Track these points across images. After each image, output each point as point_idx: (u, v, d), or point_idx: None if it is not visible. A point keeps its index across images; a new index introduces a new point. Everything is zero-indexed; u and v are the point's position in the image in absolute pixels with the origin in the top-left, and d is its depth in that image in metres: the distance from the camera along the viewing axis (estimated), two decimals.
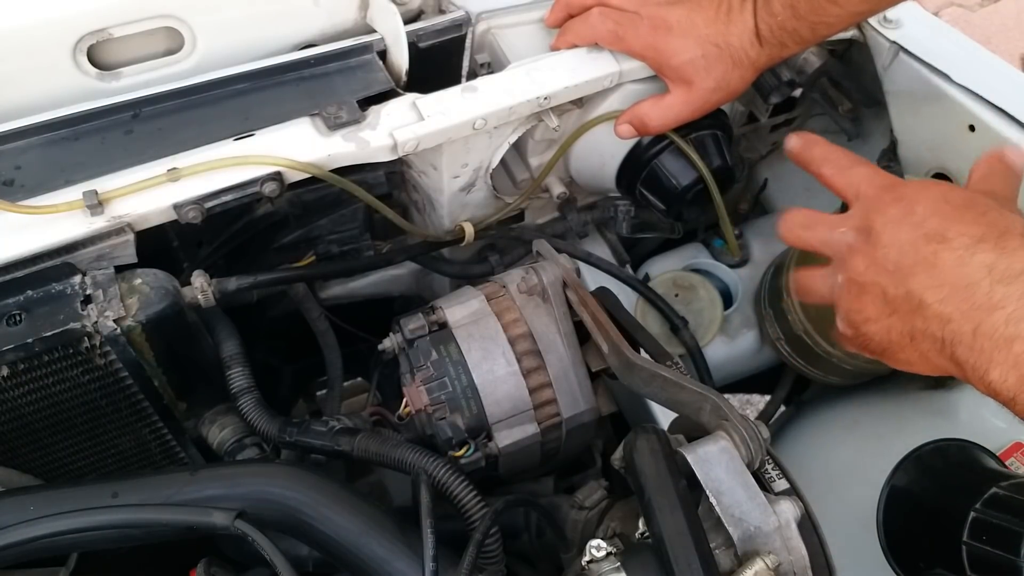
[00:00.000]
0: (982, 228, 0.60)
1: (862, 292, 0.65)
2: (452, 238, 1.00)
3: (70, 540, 0.63)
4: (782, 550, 0.57)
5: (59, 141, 0.81)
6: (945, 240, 0.61)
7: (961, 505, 0.74)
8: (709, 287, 1.16)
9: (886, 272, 0.63)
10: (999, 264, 0.58)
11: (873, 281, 0.64)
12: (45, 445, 0.77)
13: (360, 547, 0.65)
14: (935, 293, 0.60)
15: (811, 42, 0.89)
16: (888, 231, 0.64)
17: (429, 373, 0.78)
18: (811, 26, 0.85)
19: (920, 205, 0.63)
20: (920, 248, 0.61)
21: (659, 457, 0.61)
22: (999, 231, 0.60)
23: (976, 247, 0.59)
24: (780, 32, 0.86)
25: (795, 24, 0.85)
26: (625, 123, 0.93)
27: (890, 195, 0.66)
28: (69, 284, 0.71)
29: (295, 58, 0.89)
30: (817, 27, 0.85)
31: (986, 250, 0.59)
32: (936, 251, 0.61)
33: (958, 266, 0.59)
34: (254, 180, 0.79)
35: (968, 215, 0.62)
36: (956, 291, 0.59)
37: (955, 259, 0.60)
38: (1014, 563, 0.68)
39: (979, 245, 0.59)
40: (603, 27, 0.90)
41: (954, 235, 0.61)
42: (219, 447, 0.85)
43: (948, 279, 0.60)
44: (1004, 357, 0.57)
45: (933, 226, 0.62)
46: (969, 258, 0.59)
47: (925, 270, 0.61)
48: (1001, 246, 0.59)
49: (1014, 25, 2.73)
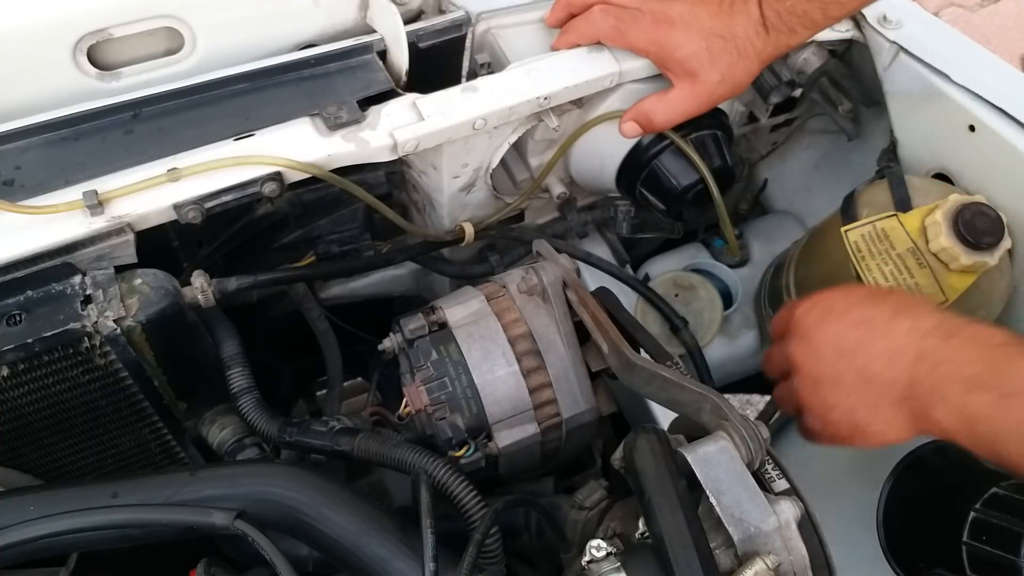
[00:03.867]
0: (892, 304, 0.72)
1: (818, 385, 0.73)
2: (452, 238, 1.00)
3: (70, 540, 0.63)
4: (782, 550, 0.57)
5: (59, 141, 0.81)
6: (869, 321, 0.71)
7: (961, 505, 0.74)
8: (709, 287, 1.17)
9: (831, 360, 0.72)
10: (918, 326, 0.69)
11: (822, 372, 0.73)
12: (45, 445, 0.77)
13: (360, 547, 0.65)
14: (878, 363, 0.69)
15: (822, 26, 0.89)
16: (820, 329, 0.74)
17: (429, 373, 0.78)
18: (823, 7, 0.85)
19: (837, 303, 0.75)
20: (852, 332, 0.71)
21: (659, 457, 0.61)
22: (908, 303, 0.72)
23: (895, 318, 0.70)
24: (789, 17, 0.85)
25: (805, 6, 0.84)
26: (630, 121, 0.93)
27: (809, 305, 0.77)
28: (69, 284, 0.71)
29: (295, 58, 0.89)
30: (829, 7, 0.85)
31: (904, 318, 0.70)
32: (866, 331, 0.71)
33: (887, 336, 0.70)
34: (254, 180, 0.79)
35: (877, 299, 0.75)
36: (893, 356, 0.69)
37: (883, 331, 0.70)
38: (1014, 563, 0.68)
39: (897, 316, 0.70)
40: (605, 23, 0.90)
41: (874, 314, 0.71)
42: (219, 447, 0.85)
43: (884, 348, 0.69)
44: (941, 400, 0.65)
45: (854, 314, 0.73)
46: (894, 327, 0.70)
47: (864, 348, 0.70)
48: (914, 314, 0.70)
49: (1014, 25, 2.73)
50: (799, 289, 1.04)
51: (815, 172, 1.30)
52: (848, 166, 1.22)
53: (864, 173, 1.04)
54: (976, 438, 0.64)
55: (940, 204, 0.89)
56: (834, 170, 1.27)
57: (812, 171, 1.31)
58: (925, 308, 0.72)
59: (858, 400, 0.71)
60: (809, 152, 1.31)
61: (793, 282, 1.05)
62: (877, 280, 0.91)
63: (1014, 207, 0.92)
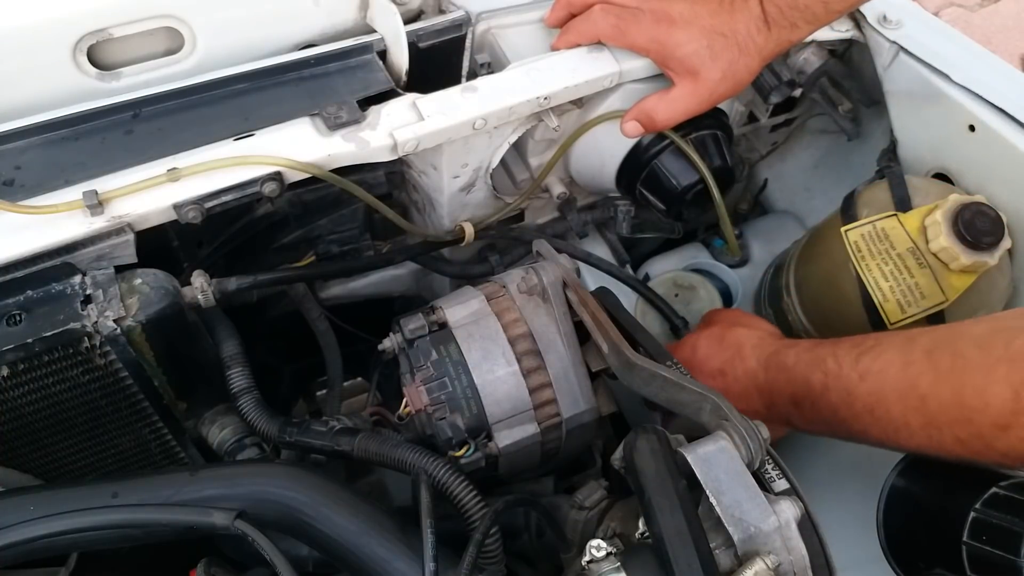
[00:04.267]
0: (728, 353, 0.90)
1: None
2: (452, 238, 1.00)
3: (70, 540, 0.63)
4: (782, 550, 0.57)
5: (59, 141, 0.81)
6: (720, 371, 0.90)
7: (961, 505, 0.74)
8: (709, 287, 1.17)
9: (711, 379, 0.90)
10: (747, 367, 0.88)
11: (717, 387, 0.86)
12: (45, 445, 0.77)
13: (360, 547, 0.65)
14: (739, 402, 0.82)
15: (824, 21, 0.89)
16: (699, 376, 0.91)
17: (429, 373, 0.78)
18: (824, 1, 0.85)
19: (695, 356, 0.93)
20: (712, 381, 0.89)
21: (659, 457, 0.61)
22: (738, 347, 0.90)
23: (733, 364, 0.89)
24: (791, 12, 0.85)
25: (807, 0, 0.85)
26: (632, 120, 0.93)
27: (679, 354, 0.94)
28: (69, 284, 0.71)
29: (295, 58, 0.89)
30: (831, 1, 0.85)
31: (738, 363, 0.89)
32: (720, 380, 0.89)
33: (737, 384, 0.88)
34: (254, 180, 0.79)
35: (717, 347, 0.92)
36: (744, 396, 0.88)
37: (732, 379, 0.89)
38: (1014, 563, 0.68)
39: (734, 362, 0.89)
40: (605, 23, 0.90)
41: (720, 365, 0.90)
42: (219, 447, 0.85)
43: (736, 393, 0.88)
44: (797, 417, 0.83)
45: (709, 367, 0.91)
46: (736, 373, 0.88)
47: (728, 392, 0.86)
48: (742, 355, 0.89)
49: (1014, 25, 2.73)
50: (799, 289, 1.04)
51: (815, 172, 1.30)
52: (848, 166, 1.22)
53: (864, 173, 1.04)
54: (831, 431, 0.81)
55: (940, 204, 0.89)
56: (834, 170, 1.27)
57: (812, 171, 1.31)
58: (747, 348, 0.89)
59: None
60: (809, 152, 1.31)
61: (793, 282, 1.05)
62: (877, 280, 0.91)
63: (1014, 207, 0.92)
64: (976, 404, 0.67)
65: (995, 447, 0.67)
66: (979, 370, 0.67)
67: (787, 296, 1.06)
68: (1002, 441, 0.66)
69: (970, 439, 0.68)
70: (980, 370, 0.67)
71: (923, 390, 0.71)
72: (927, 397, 0.70)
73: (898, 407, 0.72)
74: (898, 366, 0.73)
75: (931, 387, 0.70)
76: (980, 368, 0.67)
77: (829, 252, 0.97)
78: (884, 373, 0.74)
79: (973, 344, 0.69)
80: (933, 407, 0.70)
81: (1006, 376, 0.65)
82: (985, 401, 0.66)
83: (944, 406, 0.69)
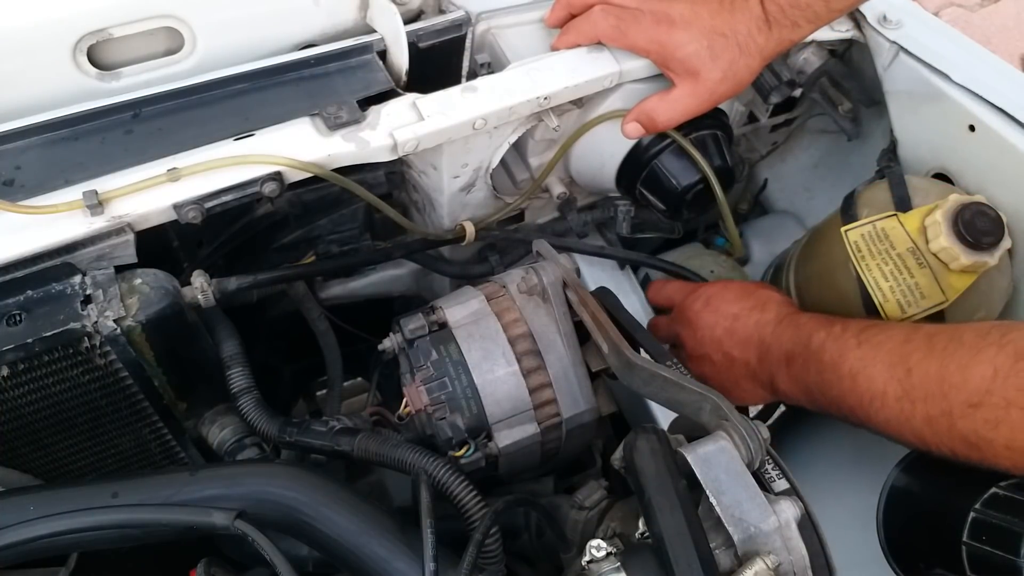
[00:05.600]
0: (752, 301, 0.92)
1: (697, 361, 0.96)
2: (453, 237, 1.00)
3: (70, 540, 0.63)
4: (782, 550, 0.57)
5: (59, 141, 0.81)
6: (733, 315, 0.92)
7: (961, 505, 0.74)
8: (743, 273, 1.17)
9: (707, 344, 0.93)
10: (763, 319, 0.90)
11: (701, 352, 0.94)
12: (45, 445, 0.77)
13: (360, 547, 0.65)
14: (736, 349, 0.91)
15: (825, 19, 0.89)
16: (700, 318, 0.95)
17: (429, 373, 0.78)
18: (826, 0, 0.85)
19: (713, 297, 0.95)
20: (721, 323, 0.92)
21: (659, 457, 0.61)
22: (763, 300, 0.92)
23: (750, 313, 0.91)
24: (792, 10, 0.86)
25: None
26: (632, 121, 0.93)
27: (694, 296, 0.97)
28: (69, 284, 0.71)
29: (295, 58, 0.89)
30: (833, 0, 0.85)
31: (755, 313, 0.91)
32: (730, 323, 0.92)
33: (743, 328, 0.91)
34: (254, 180, 0.79)
35: (742, 296, 0.94)
36: (745, 343, 0.90)
37: (741, 324, 0.91)
38: (1014, 563, 0.68)
39: (752, 311, 0.91)
40: (605, 23, 0.90)
41: (737, 310, 0.92)
42: (219, 447, 0.85)
43: (740, 338, 0.91)
44: (776, 373, 0.87)
45: (724, 309, 0.93)
46: (747, 321, 0.91)
47: (727, 337, 0.91)
48: (763, 308, 0.91)
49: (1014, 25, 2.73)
50: (799, 289, 1.04)
51: (815, 172, 1.30)
52: (848, 166, 1.22)
53: (864, 173, 1.04)
54: (808, 396, 0.84)
55: (940, 204, 0.89)
56: (834, 170, 1.27)
57: (812, 171, 1.31)
58: (773, 303, 0.91)
59: (725, 375, 0.92)
60: (809, 152, 1.31)
61: (793, 282, 1.05)
62: (877, 280, 0.91)
63: (1014, 207, 0.92)
64: (956, 380, 0.69)
65: (958, 428, 0.69)
66: (969, 350, 0.70)
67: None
68: (968, 421, 0.68)
69: (939, 416, 0.70)
70: (970, 350, 0.70)
71: (912, 363, 0.73)
72: (913, 370, 0.73)
73: (882, 375, 0.75)
74: (897, 341, 0.76)
75: (920, 361, 0.73)
76: (971, 348, 0.70)
77: (829, 252, 0.97)
78: (881, 345, 0.77)
79: (973, 332, 0.72)
80: (916, 378, 0.73)
81: (992, 357, 0.68)
82: (965, 377, 0.69)
83: (926, 378, 0.72)
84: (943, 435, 0.71)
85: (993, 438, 0.67)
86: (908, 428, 0.74)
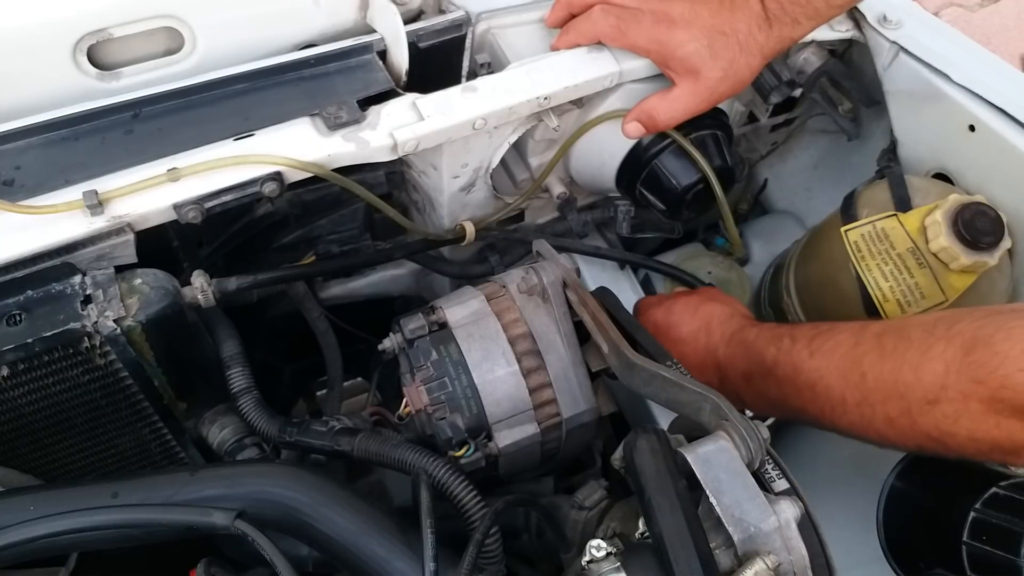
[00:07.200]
0: (696, 323, 0.93)
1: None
2: (453, 237, 1.00)
3: (70, 540, 0.63)
4: (782, 550, 0.57)
5: (59, 141, 0.81)
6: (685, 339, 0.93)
7: (961, 505, 0.74)
8: (743, 275, 1.18)
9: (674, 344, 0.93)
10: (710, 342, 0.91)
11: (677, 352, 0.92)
12: (45, 445, 0.77)
13: (360, 547, 0.65)
14: (695, 372, 0.88)
15: (825, 16, 0.89)
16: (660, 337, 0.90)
17: (429, 373, 0.78)
18: None
19: (660, 324, 0.95)
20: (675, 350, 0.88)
21: (659, 457, 0.61)
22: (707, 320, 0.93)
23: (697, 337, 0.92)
24: (792, 7, 0.86)
25: None
26: (633, 121, 0.93)
27: (643, 319, 0.97)
28: (69, 284, 0.71)
29: (295, 58, 0.89)
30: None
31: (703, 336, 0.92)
32: (683, 348, 0.92)
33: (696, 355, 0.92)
34: (254, 180, 0.79)
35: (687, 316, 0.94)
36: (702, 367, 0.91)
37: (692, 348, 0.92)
38: (1014, 563, 0.68)
39: (698, 335, 0.93)
40: (605, 23, 0.90)
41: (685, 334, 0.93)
42: (219, 447, 0.85)
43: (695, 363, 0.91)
44: (746, 392, 0.86)
45: (672, 335, 0.93)
46: (698, 345, 0.92)
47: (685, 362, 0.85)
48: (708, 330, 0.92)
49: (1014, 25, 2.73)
50: (799, 289, 1.04)
51: (815, 172, 1.30)
52: (848, 166, 1.22)
53: (864, 173, 1.04)
54: (775, 410, 0.84)
55: (940, 204, 0.89)
56: (834, 170, 1.27)
57: (812, 171, 1.31)
58: (716, 323, 0.92)
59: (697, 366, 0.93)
60: (809, 152, 1.31)
61: (793, 282, 1.05)
62: (877, 280, 0.91)
63: (1014, 207, 0.92)
64: (910, 379, 0.70)
65: (920, 425, 0.69)
66: (919, 348, 0.70)
67: (787, 296, 1.06)
68: (928, 418, 0.68)
69: (899, 416, 0.70)
70: (920, 348, 0.70)
71: (865, 367, 0.73)
72: (867, 374, 0.73)
73: (839, 383, 0.75)
74: (847, 346, 0.76)
75: (872, 365, 0.73)
76: (920, 346, 0.70)
77: (829, 252, 0.97)
78: (832, 352, 0.77)
79: (919, 328, 0.72)
80: (871, 383, 0.73)
81: (942, 353, 0.68)
82: (918, 376, 0.69)
83: (881, 382, 0.72)
84: (907, 434, 0.71)
85: (955, 431, 0.67)
86: (872, 430, 0.74)
